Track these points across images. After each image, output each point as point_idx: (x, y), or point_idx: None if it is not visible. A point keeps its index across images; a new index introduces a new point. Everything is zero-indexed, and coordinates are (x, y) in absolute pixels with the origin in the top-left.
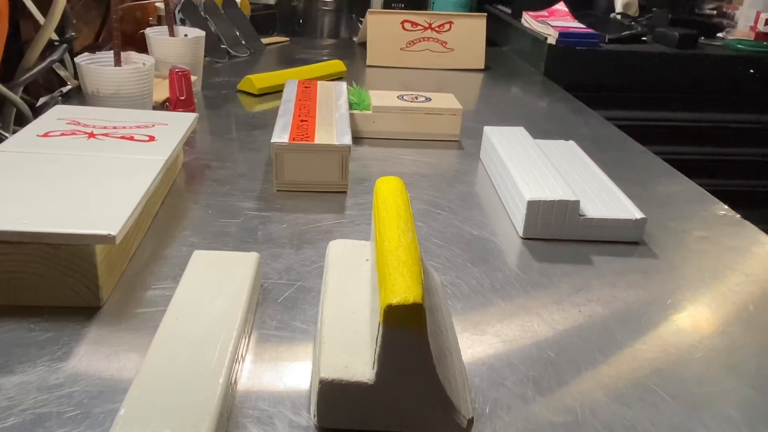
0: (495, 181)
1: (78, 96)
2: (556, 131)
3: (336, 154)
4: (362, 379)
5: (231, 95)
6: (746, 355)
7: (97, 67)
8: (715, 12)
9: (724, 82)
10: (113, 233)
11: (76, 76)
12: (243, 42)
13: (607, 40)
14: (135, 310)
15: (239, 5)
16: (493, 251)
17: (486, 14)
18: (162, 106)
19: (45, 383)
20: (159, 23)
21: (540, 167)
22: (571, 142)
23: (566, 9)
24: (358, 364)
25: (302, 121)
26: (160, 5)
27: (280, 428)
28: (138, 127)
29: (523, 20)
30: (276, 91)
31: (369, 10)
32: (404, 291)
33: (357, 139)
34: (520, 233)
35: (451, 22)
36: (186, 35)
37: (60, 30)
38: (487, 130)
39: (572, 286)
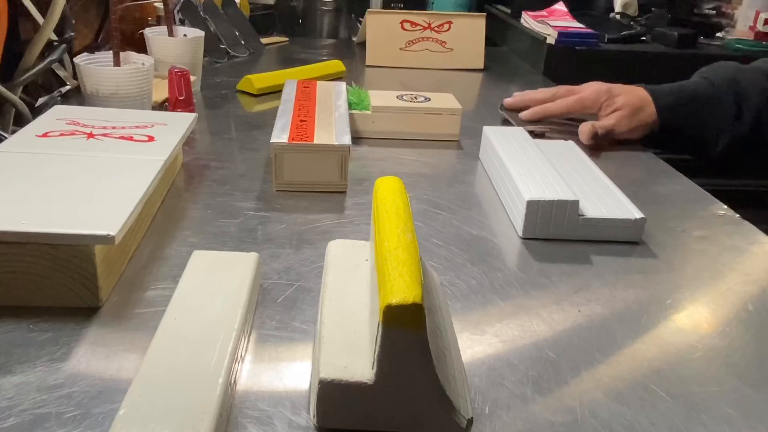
0: (494, 181)
1: (77, 96)
2: None
3: (335, 154)
4: (362, 379)
5: (230, 95)
6: (746, 354)
7: (96, 67)
8: (714, 12)
9: None
10: (112, 233)
11: (75, 76)
12: (242, 42)
13: (606, 40)
14: (134, 310)
15: (239, 5)
16: (492, 251)
17: (485, 14)
18: (161, 106)
19: (44, 383)
20: (158, 23)
21: (539, 167)
22: (570, 142)
23: (565, 9)
24: (358, 364)
25: (301, 121)
26: (159, 5)
27: (280, 428)
28: (137, 127)
29: (522, 20)
30: (275, 91)
31: (368, 9)
32: (404, 291)
33: (356, 139)
34: (520, 233)
35: (450, 22)
36: (185, 35)
37: (59, 30)
38: (487, 130)
39: (572, 286)
